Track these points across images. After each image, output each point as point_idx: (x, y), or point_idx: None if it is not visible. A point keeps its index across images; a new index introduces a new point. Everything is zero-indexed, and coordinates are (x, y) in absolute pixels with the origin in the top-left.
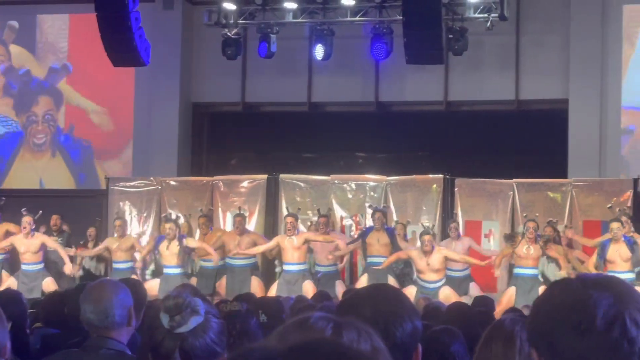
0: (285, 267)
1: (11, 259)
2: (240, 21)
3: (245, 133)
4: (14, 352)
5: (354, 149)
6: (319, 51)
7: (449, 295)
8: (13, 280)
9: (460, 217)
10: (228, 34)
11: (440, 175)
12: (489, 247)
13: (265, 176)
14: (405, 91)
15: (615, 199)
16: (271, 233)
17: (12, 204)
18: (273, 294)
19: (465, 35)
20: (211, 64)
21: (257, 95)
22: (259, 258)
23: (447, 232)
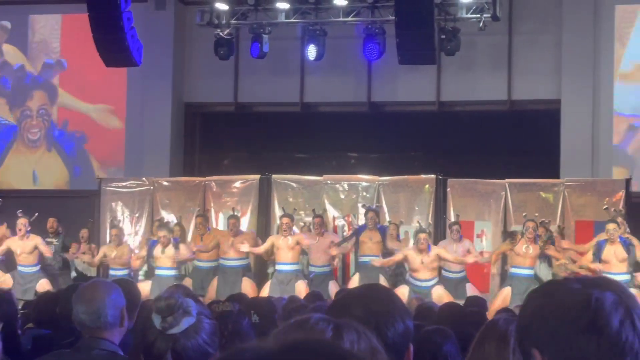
0: (278, 267)
1: (7, 260)
2: (233, 21)
3: (237, 133)
4: (5, 353)
5: (346, 149)
6: (312, 51)
7: (442, 295)
8: (9, 278)
9: (452, 218)
10: (220, 34)
11: (433, 176)
12: (482, 247)
13: (257, 176)
14: (397, 91)
15: (608, 199)
16: (263, 233)
17: (4, 205)
18: (266, 294)
19: (458, 35)
20: (203, 64)
21: (249, 96)
22: (251, 259)
23: (446, 233)
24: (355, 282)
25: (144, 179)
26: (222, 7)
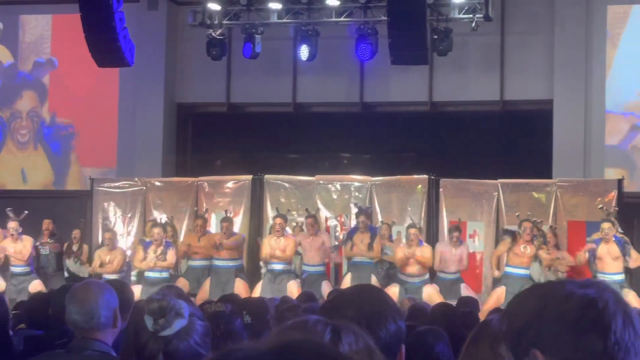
0: (269, 266)
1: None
2: (225, 22)
3: (230, 133)
4: None
5: (338, 149)
6: (304, 52)
7: (432, 295)
8: (2, 282)
9: (444, 218)
10: (213, 34)
11: (425, 176)
12: (475, 248)
13: (250, 177)
14: (390, 92)
15: (600, 199)
16: (256, 233)
17: None
18: (257, 293)
19: (450, 35)
20: (196, 65)
21: (241, 96)
22: (244, 259)
23: (439, 235)
24: (347, 282)
25: (136, 179)
26: (214, 7)
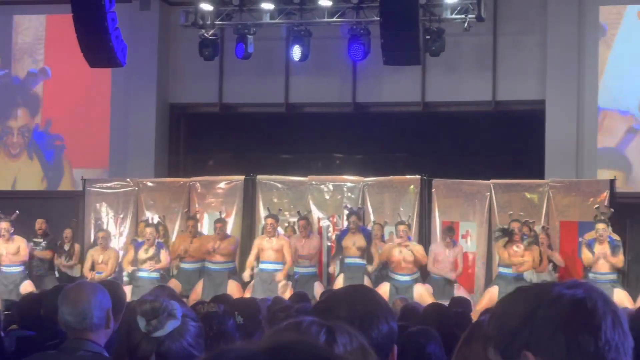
0: (261, 265)
1: None
2: (217, 22)
3: (222, 134)
4: None
5: (331, 149)
6: (296, 52)
7: (422, 294)
8: None
9: (437, 218)
10: (205, 34)
11: (418, 176)
12: (467, 248)
13: (242, 177)
14: (382, 92)
15: (592, 199)
16: (249, 234)
17: None
18: (249, 293)
19: (443, 36)
20: (188, 65)
21: (234, 96)
22: (237, 261)
23: (432, 236)
24: (339, 282)
25: (128, 179)
26: (206, 7)
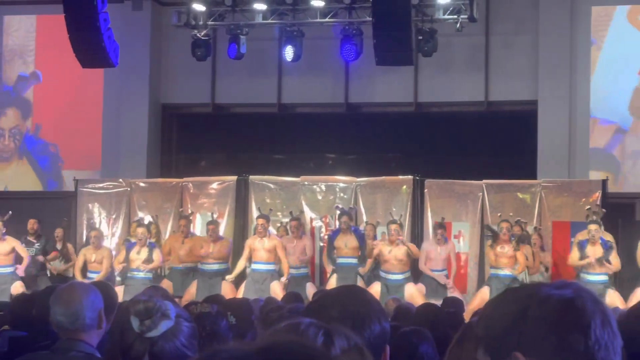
0: (253, 266)
1: None
2: (210, 22)
3: (215, 134)
4: None
5: (323, 150)
6: (289, 52)
7: (413, 294)
8: None
9: (429, 218)
10: (197, 35)
11: (410, 177)
12: (459, 249)
13: (234, 177)
14: (375, 92)
15: (584, 199)
16: (241, 234)
17: None
18: (241, 294)
19: (435, 36)
20: (181, 65)
21: (226, 97)
22: (230, 263)
23: (424, 234)
24: (332, 283)
25: (120, 180)
26: (199, 8)
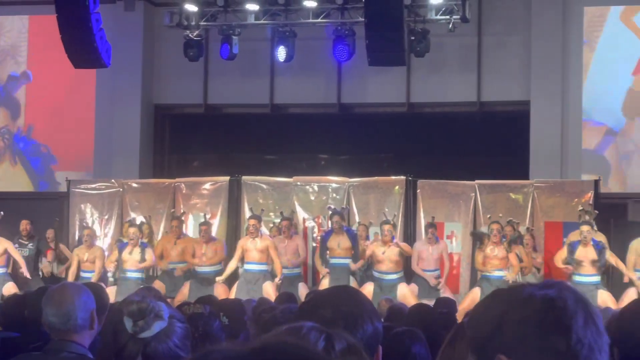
0: (246, 266)
1: None
2: (202, 23)
3: (207, 135)
4: None
5: (316, 150)
6: (281, 53)
7: (406, 294)
8: None
9: (422, 219)
10: (190, 35)
11: (403, 177)
12: (452, 249)
13: (227, 178)
14: (367, 93)
15: (577, 199)
16: (234, 235)
17: None
18: (234, 294)
19: (427, 37)
20: (173, 66)
21: (219, 97)
22: (224, 264)
23: (417, 234)
24: (325, 283)
25: (113, 180)
26: (191, 8)
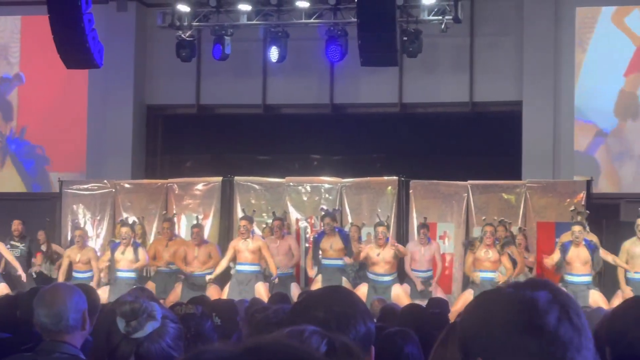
0: (238, 267)
1: None
2: (195, 23)
3: (199, 135)
4: None
5: (309, 151)
6: (274, 53)
7: (400, 295)
8: None
9: (414, 219)
10: (182, 36)
11: (395, 177)
12: (444, 249)
13: (219, 179)
14: (360, 93)
15: (569, 200)
16: (226, 236)
17: None
18: (226, 294)
19: (420, 37)
20: (165, 66)
21: (211, 98)
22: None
23: (409, 235)
24: (318, 283)
25: (105, 181)
26: (183, 9)
